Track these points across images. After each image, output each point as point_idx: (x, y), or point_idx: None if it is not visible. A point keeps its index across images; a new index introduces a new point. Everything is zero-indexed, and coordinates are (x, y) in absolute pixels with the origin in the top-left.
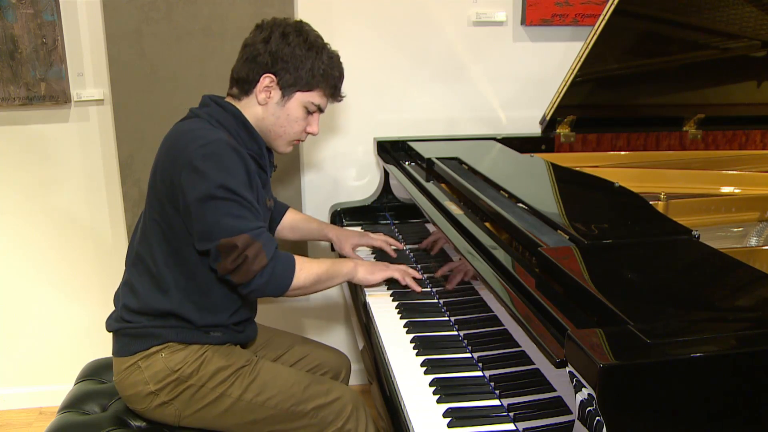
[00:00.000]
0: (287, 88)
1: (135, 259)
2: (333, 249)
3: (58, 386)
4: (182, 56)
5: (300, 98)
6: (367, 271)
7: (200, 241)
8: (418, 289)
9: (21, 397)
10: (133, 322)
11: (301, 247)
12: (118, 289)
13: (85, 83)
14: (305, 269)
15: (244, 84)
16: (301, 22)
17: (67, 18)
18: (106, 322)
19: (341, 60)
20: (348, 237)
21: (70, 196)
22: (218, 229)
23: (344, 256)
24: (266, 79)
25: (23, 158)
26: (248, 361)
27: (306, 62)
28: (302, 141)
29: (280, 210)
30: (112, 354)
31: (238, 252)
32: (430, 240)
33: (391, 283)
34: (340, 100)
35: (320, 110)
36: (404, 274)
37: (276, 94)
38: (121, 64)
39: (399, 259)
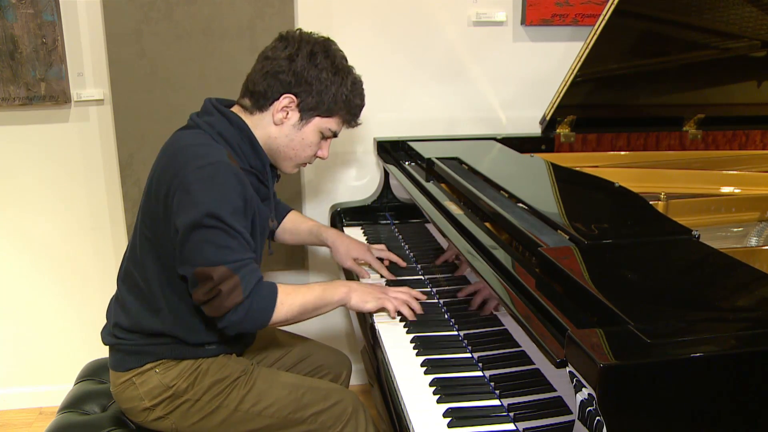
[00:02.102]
0: (307, 112)
1: (125, 276)
2: None
3: (58, 386)
4: (182, 56)
5: (318, 123)
6: (360, 299)
7: (180, 265)
8: (411, 317)
9: (21, 397)
10: (127, 339)
11: (301, 252)
12: (110, 302)
13: (85, 83)
14: (287, 303)
15: (260, 98)
16: (328, 40)
17: (67, 18)
18: (101, 335)
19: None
20: (349, 249)
21: (70, 196)
22: (198, 256)
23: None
24: (286, 99)
25: (23, 158)
26: (244, 371)
27: (331, 87)
28: (310, 164)
29: (281, 211)
30: (109, 366)
31: (213, 284)
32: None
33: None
34: (354, 127)
35: (334, 135)
36: (400, 303)
37: (294, 115)
38: (121, 64)
39: (399, 258)
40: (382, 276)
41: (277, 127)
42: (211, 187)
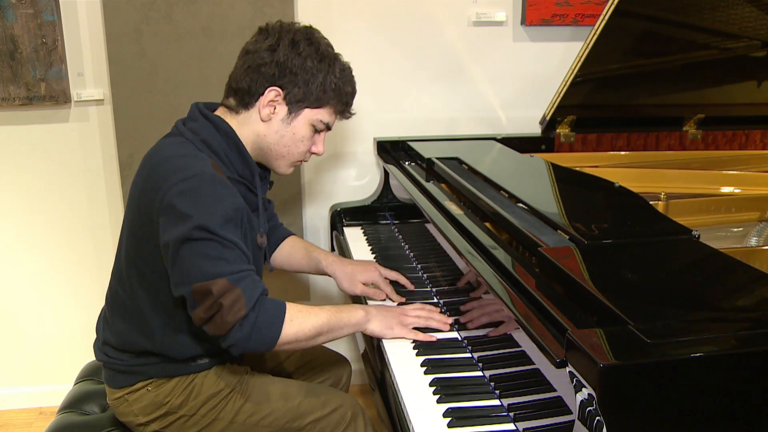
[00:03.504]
0: (295, 104)
1: (111, 295)
2: None
3: (58, 386)
4: (182, 56)
5: (308, 115)
6: (383, 324)
7: (175, 286)
8: (446, 328)
9: (21, 397)
10: (117, 359)
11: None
12: (99, 317)
13: (85, 83)
14: (298, 321)
15: (244, 96)
16: (311, 28)
17: (67, 18)
18: (94, 349)
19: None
20: (353, 274)
21: (70, 196)
22: (193, 273)
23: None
24: (271, 93)
25: (23, 158)
26: (239, 382)
27: (317, 75)
28: (305, 161)
29: (280, 236)
30: (103, 379)
31: (213, 299)
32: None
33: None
34: (348, 117)
35: (328, 128)
36: (426, 320)
37: (282, 109)
38: (121, 64)
39: (398, 258)
40: (393, 300)
41: (265, 123)
42: (195, 200)
